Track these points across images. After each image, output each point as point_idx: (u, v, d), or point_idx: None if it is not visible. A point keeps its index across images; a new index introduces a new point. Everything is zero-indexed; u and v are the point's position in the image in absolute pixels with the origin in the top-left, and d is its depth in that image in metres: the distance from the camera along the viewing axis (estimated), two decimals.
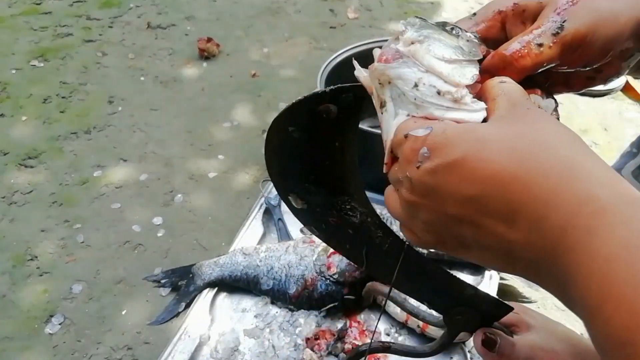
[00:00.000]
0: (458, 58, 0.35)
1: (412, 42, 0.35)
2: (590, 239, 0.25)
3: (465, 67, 0.35)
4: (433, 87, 0.34)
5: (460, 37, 0.36)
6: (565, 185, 0.27)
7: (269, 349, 0.88)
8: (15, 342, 0.94)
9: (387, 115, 0.37)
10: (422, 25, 0.37)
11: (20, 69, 1.63)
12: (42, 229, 1.14)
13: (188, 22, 1.85)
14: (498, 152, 0.29)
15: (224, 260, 1.01)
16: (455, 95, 0.34)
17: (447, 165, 0.30)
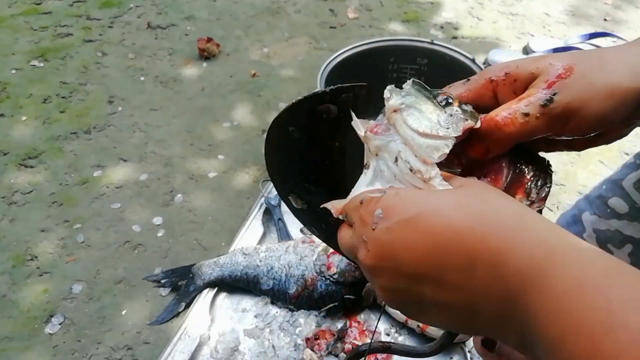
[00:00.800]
0: (432, 133, 0.34)
1: (394, 110, 0.35)
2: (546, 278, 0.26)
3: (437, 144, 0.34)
4: (407, 163, 0.34)
5: (445, 110, 0.35)
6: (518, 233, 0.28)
7: (269, 349, 0.88)
8: (15, 342, 0.94)
9: (364, 179, 0.37)
10: (408, 92, 0.36)
11: (20, 68, 1.63)
12: (42, 228, 1.14)
13: (188, 22, 1.85)
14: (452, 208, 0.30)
15: (224, 260, 1.01)
16: (424, 175, 0.33)
17: (402, 222, 0.30)
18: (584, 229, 0.51)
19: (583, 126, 0.36)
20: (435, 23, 1.84)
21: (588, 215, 0.51)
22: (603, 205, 0.49)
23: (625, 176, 0.47)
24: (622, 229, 0.47)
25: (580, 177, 1.27)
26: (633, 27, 1.84)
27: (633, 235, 0.46)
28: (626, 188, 0.47)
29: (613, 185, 0.48)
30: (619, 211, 0.47)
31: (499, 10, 1.92)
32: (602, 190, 0.50)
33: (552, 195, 1.22)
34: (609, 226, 0.48)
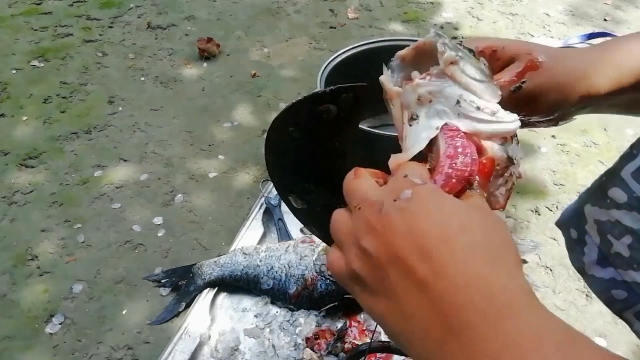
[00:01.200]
0: (483, 79, 0.39)
1: (451, 63, 0.39)
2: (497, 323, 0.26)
3: (490, 86, 0.39)
4: (473, 103, 0.38)
5: (480, 60, 0.41)
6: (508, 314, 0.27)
7: (269, 348, 0.88)
8: (16, 341, 0.94)
9: (418, 128, 0.39)
10: (454, 46, 0.40)
11: (20, 69, 1.63)
12: (42, 228, 1.14)
13: (188, 23, 1.86)
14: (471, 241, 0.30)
15: (224, 260, 1.01)
16: (492, 109, 0.38)
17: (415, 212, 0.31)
18: (586, 221, 0.51)
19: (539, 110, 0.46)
20: (435, 23, 1.84)
21: (589, 207, 0.51)
22: (603, 195, 0.49)
23: (624, 166, 0.48)
24: (621, 218, 0.47)
25: (579, 177, 1.27)
26: (633, 27, 1.84)
27: (632, 225, 0.46)
28: (624, 178, 0.47)
29: (612, 176, 0.49)
30: (618, 201, 0.47)
31: (498, 11, 1.92)
32: (602, 182, 0.50)
33: (551, 195, 1.22)
34: (609, 217, 0.48)
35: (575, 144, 1.37)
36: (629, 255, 0.47)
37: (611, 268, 0.48)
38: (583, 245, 0.52)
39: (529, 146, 1.36)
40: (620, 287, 0.48)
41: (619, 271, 0.48)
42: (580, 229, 0.52)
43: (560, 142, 1.38)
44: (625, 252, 0.47)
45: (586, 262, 0.51)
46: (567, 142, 1.38)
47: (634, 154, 0.47)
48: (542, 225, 1.14)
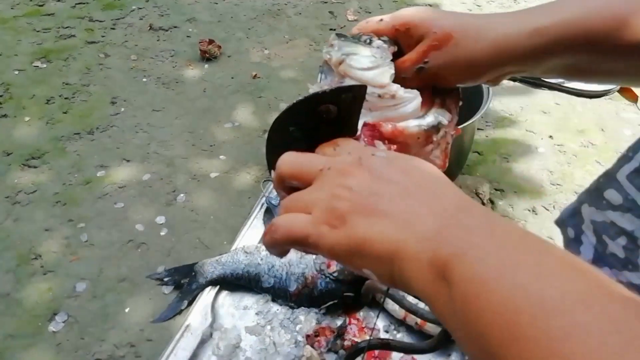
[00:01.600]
0: (374, 65, 0.42)
1: (339, 63, 0.43)
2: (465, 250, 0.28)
3: (383, 70, 0.42)
4: (373, 93, 0.41)
5: (372, 46, 0.44)
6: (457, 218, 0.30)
7: (270, 345, 0.89)
8: (19, 340, 0.95)
9: None
10: (340, 45, 0.44)
11: (23, 70, 1.64)
12: (45, 228, 1.16)
13: (190, 24, 1.87)
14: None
15: (225, 259, 1.02)
16: (391, 92, 0.41)
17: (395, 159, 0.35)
18: (583, 221, 0.52)
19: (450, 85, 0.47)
20: None
21: (587, 207, 0.52)
22: (599, 197, 0.50)
23: (619, 168, 0.49)
24: (616, 220, 0.48)
25: (576, 177, 1.28)
26: None
27: (627, 227, 0.47)
28: (620, 180, 0.48)
29: (608, 178, 0.50)
30: (614, 203, 0.48)
31: (496, 12, 1.94)
32: (599, 183, 0.51)
33: (548, 194, 1.23)
34: (605, 218, 0.49)
35: (573, 144, 1.38)
36: (624, 256, 0.48)
37: (607, 268, 0.49)
38: (580, 244, 0.53)
39: (526, 146, 1.37)
40: None
41: (614, 271, 0.49)
42: (578, 229, 0.53)
43: (558, 142, 1.39)
44: (621, 253, 0.48)
45: None
46: (564, 142, 1.39)
47: (629, 156, 0.48)
48: (539, 224, 1.15)
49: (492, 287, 0.26)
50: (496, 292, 0.26)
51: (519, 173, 1.29)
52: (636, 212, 0.46)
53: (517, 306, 0.25)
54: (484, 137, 1.39)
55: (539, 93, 1.55)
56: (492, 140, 1.38)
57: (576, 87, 1.52)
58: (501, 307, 0.25)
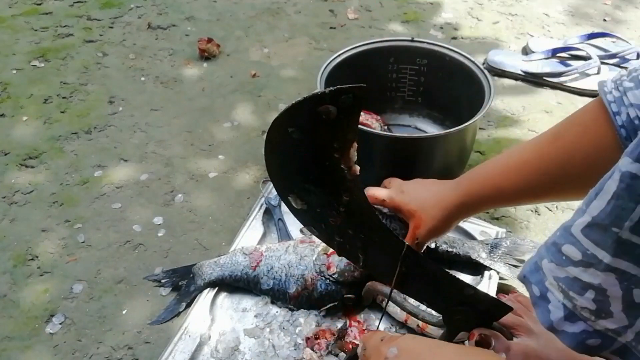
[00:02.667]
0: None
1: None
2: None
3: None
4: None
5: None
6: None
7: (269, 348, 0.88)
8: (16, 341, 0.94)
9: None
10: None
11: (21, 69, 1.63)
12: (42, 228, 1.15)
13: (188, 23, 1.86)
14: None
15: (224, 260, 1.01)
16: None
17: None
18: (545, 277, 0.49)
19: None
20: (435, 24, 1.84)
21: (547, 263, 0.48)
22: (558, 252, 0.46)
23: (574, 222, 0.45)
24: (579, 275, 0.44)
25: None
26: (632, 27, 1.84)
27: (591, 282, 0.43)
28: (575, 235, 0.44)
29: (565, 232, 0.46)
30: (573, 258, 0.45)
31: (498, 11, 1.93)
32: (556, 237, 0.48)
33: None
34: (567, 273, 0.46)
35: None
36: (595, 307, 0.44)
37: (581, 322, 0.46)
38: (547, 302, 0.49)
39: None
40: (593, 336, 0.45)
41: (589, 323, 0.45)
42: (542, 286, 0.49)
43: None
44: (591, 305, 0.44)
45: (554, 320, 0.48)
46: None
47: (583, 209, 0.44)
48: (541, 225, 1.14)
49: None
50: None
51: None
52: (599, 266, 0.42)
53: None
54: (486, 137, 1.38)
55: (541, 92, 1.54)
56: (494, 140, 1.37)
57: (578, 86, 1.51)
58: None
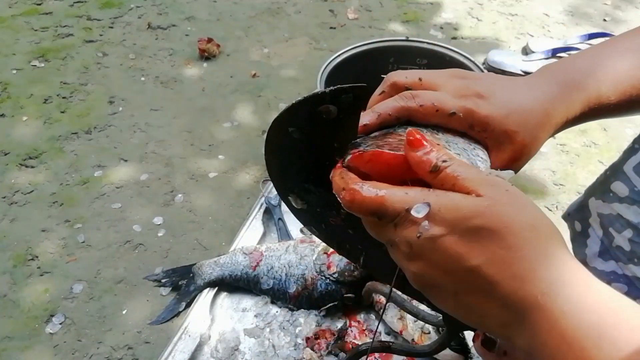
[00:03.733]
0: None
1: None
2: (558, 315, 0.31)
3: None
4: None
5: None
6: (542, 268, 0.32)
7: (269, 348, 0.88)
8: (16, 341, 0.94)
9: None
10: None
11: (20, 69, 1.63)
12: (42, 228, 1.15)
13: (188, 23, 1.86)
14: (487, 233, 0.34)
15: (224, 260, 1.01)
16: None
17: (445, 237, 0.34)
18: (590, 214, 0.52)
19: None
20: (435, 23, 1.84)
21: (594, 200, 0.52)
22: (606, 189, 0.50)
23: (626, 161, 0.48)
24: (622, 212, 0.48)
25: (579, 178, 1.27)
26: (632, 27, 1.84)
27: (632, 219, 0.47)
28: (627, 172, 0.48)
29: (615, 171, 0.50)
30: (620, 195, 0.48)
31: (498, 11, 1.92)
32: (606, 176, 0.51)
33: (551, 195, 1.22)
34: (612, 210, 0.49)
35: (575, 144, 1.37)
36: (629, 249, 0.47)
37: (612, 261, 0.49)
38: (586, 237, 0.52)
39: None
40: (621, 280, 0.48)
41: (619, 265, 0.48)
42: (584, 222, 0.53)
43: (560, 142, 1.38)
44: (627, 245, 0.47)
45: (588, 255, 0.52)
46: (566, 142, 1.38)
47: (636, 148, 0.48)
48: None
49: None
50: None
51: (521, 173, 1.28)
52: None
53: None
54: None
55: None
56: None
57: None
58: None
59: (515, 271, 0.32)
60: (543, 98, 0.46)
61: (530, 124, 0.44)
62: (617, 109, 0.48)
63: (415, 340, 0.86)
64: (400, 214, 0.36)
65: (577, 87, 0.46)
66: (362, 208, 0.37)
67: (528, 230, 0.33)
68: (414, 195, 0.36)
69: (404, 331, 0.88)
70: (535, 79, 0.47)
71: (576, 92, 0.47)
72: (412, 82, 0.44)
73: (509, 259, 0.32)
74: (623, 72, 0.46)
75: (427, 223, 0.35)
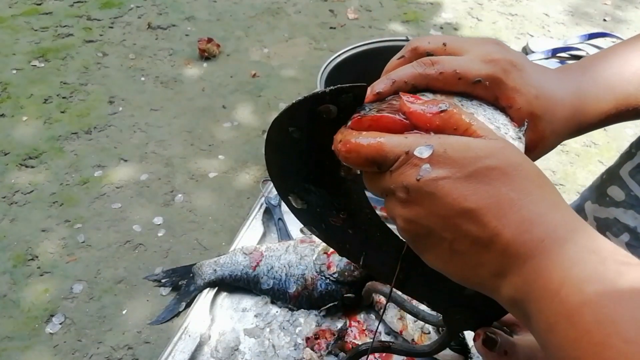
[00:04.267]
0: None
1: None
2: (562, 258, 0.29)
3: None
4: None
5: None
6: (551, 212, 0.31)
7: (269, 348, 0.88)
8: (16, 341, 0.94)
9: None
10: None
11: (21, 69, 1.63)
12: (42, 228, 1.14)
13: (188, 23, 1.86)
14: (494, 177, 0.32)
15: (224, 260, 1.01)
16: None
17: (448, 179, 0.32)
18: (586, 217, 0.52)
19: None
20: (435, 23, 1.84)
21: (590, 204, 0.52)
22: (602, 193, 0.50)
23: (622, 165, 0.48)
24: (619, 216, 0.47)
25: (579, 177, 1.27)
26: (632, 27, 1.84)
27: (629, 223, 0.47)
28: (622, 176, 0.47)
29: (611, 174, 0.49)
30: (617, 199, 0.48)
31: (498, 11, 1.92)
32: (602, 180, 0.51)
33: None
34: (608, 214, 0.49)
35: (575, 144, 1.37)
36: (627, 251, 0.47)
37: None
38: None
39: None
40: None
41: None
42: None
43: None
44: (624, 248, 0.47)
45: None
46: (566, 142, 1.38)
47: (632, 152, 0.47)
48: None
49: None
50: None
51: None
52: (639, 208, 0.46)
53: None
54: None
55: None
56: None
57: None
58: None
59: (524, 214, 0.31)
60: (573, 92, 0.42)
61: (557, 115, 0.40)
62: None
63: (415, 340, 0.86)
64: (401, 157, 0.34)
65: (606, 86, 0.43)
66: (361, 156, 0.35)
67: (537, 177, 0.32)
68: (414, 138, 0.34)
69: (404, 331, 0.87)
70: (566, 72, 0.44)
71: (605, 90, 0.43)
72: (434, 48, 0.40)
73: (518, 201, 0.31)
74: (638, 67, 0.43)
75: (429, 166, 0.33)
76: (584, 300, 0.27)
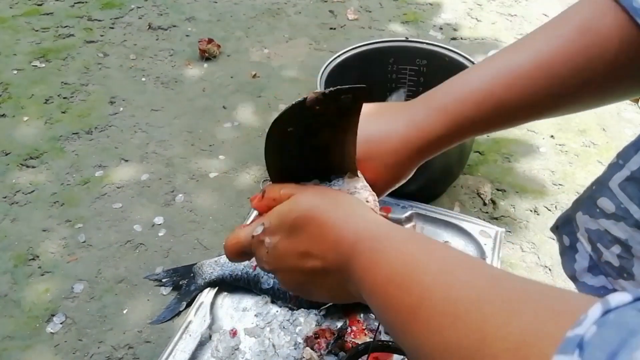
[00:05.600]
0: None
1: None
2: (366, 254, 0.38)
3: None
4: None
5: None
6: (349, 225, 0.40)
7: (269, 347, 0.89)
8: (17, 341, 0.95)
9: None
10: None
11: (21, 69, 1.64)
12: (43, 228, 1.15)
13: (189, 24, 1.86)
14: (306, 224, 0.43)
15: (224, 260, 1.02)
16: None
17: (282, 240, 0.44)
18: (577, 228, 0.52)
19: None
20: (435, 24, 1.84)
21: (581, 215, 0.51)
22: (592, 205, 0.49)
23: (611, 176, 0.48)
24: (609, 228, 0.47)
25: (578, 178, 1.27)
26: None
27: (620, 236, 0.46)
28: (612, 188, 0.47)
29: (601, 185, 0.49)
30: (607, 211, 0.47)
31: (497, 12, 1.93)
32: (592, 191, 0.51)
33: (550, 195, 1.23)
34: (599, 226, 0.48)
35: (574, 144, 1.37)
36: (618, 264, 0.47)
37: (602, 276, 0.49)
38: (575, 252, 0.52)
39: (528, 146, 1.37)
40: None
41: (609, 280, 0.48)
42: (573, 236, 0.53)
43: (559, 142, 1.38)
44: (615, 261, 0.47)
45: (577, 269, 0.52)
46: (566, 142, 1.38)
47: (620, 164, 0.47)
48: (541, 225, 1.15)
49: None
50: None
51: (520, 173, 1.28)
52: (629, 220, 0.45)
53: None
54: (485, 137, 1.38)
55: None
56: (493, 140, 1.38)
57: None
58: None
59: (332, 239, 0.40)
60: (404, 124, 0.48)
61: (380, 153, 0.48)
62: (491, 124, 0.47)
63: None
64: (252, 242, 0.46)
65: (439, 109, 0.47)
66: (233, 253, 0.49)
67: (332, 204, 0.42)
68: (254, 223, 0.47)
69: None
70: (411, 104, 0.50)
71: (437, 113, 0.47)
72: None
73: (325, 234, 0.40)
74: (475, 87, 0.46)
75: (268, 238, 0.44)
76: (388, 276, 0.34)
